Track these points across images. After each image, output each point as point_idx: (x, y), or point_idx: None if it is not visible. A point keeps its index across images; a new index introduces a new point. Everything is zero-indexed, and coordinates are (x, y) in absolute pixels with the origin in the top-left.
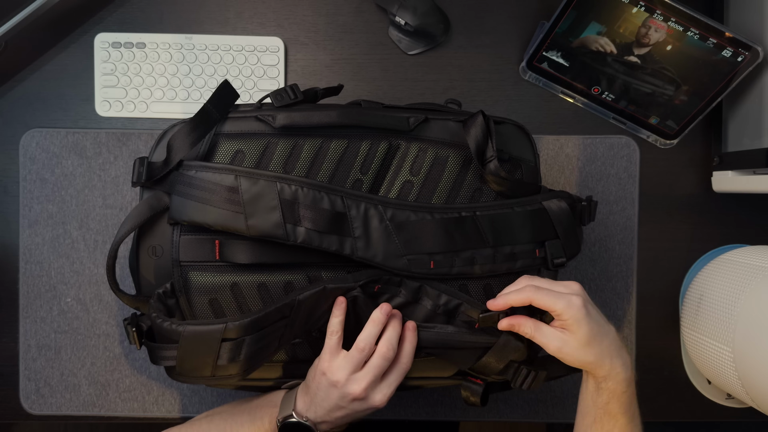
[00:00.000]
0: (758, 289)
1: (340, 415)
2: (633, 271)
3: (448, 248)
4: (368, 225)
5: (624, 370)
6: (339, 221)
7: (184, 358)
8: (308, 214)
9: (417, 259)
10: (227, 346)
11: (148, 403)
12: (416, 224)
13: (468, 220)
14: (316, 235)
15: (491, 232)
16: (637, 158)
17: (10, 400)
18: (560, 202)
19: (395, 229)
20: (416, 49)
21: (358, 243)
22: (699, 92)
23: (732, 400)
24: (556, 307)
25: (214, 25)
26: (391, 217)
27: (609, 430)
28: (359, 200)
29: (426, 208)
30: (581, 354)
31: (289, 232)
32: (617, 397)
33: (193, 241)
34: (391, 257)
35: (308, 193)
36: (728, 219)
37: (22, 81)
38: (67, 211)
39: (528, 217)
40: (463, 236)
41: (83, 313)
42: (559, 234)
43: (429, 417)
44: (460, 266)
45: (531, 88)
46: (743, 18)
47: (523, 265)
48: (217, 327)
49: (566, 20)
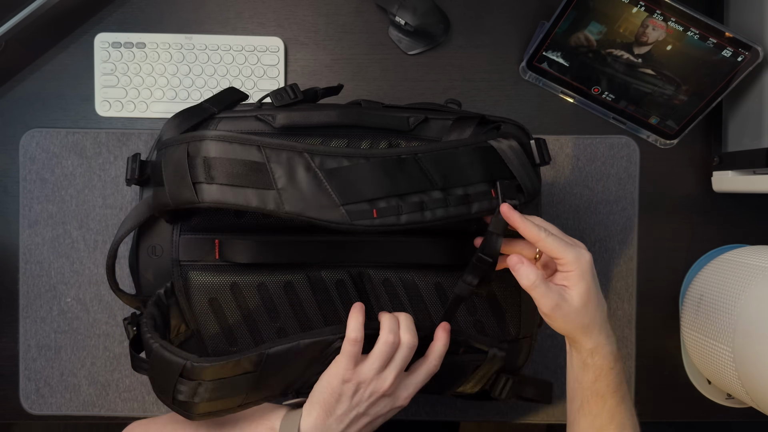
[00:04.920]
0: (758, 289)
1: (363, 423)
2: (633, 271)
3: (390, 192)
4: (293, 174)
5: (610, 343)
6: (257, 171)
7: (151, 375)
8: (219, 167)
9: (356, 208)
10: (184, 384)
11: (148, 403)
12: (351, 169)
13: (409, 161)
14: (230, 190)
15: (437, 172)
16: (637, 158)
17: (10, 400)
18: (509, 140)
19: (326, 177)
20: (416, 49)
21: (284, 195)
22: (699, 92)
23: (732, 400)
24: (566, 255)
25: (214, 25)
26: (320, 164)
27: (597, 413)
28: (279, 149)
29: (360, 154)
30: (576, 316)
31: (199, 191)
32: (604, 374)
33: (193, 241)
34: (325, 209)
35: (217, 146)
36: (728, 219)
37: (22, 81)
38: (67, 211)
39: (476, 155)
40: (406, 178)
41: (83, 313)
42: (513, 172)
43: (429, 417)
44: (408, 213)
45: (531, 88)
46: (743, 18)
47: (479, 209)
48: (177, 360)
49: (566, 20)
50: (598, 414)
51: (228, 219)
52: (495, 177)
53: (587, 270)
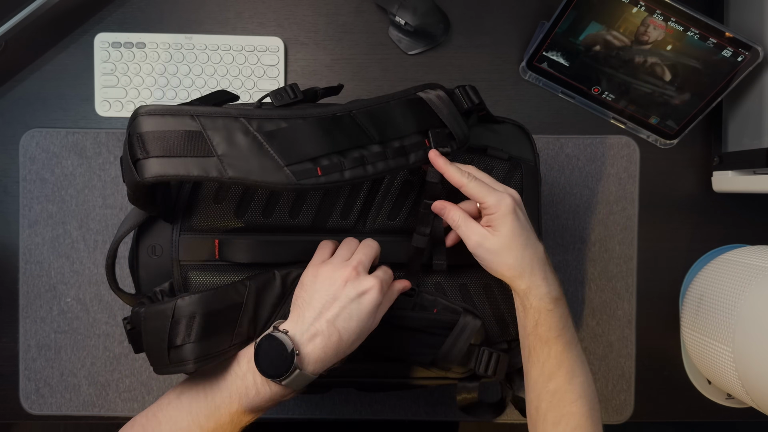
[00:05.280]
0: (758, 289)
1: (333, 313)
2: (633, 271)
3: (331, 149)
4: (232, 139)
5: (546, 284)
6: (193, 140)
7: (146, 342)
8: (153, 141)
9: (300, 168)
10: (179, 325)
11: (148, 403)
12: (289, 130)
13: (345, 118)
14: (168, 162)
15: (373, 126)
16: (637, 158)
17: (10, 400)
18: (436, 90)
19: (266, 139)
20: (416, 49)
21: (225, 161)
22: (699, 92)
23: (732, 400)
24: (487, 199)
25: (214, 25)
26: (258, 128)
27: (544, 360)
28: (215, 117)
29: (297, 115)
30: (500, 256)
31: (138, 169)
32: (543, 316)
33: (193, 241)
34: (269, 171)
35: (150, 120)
36: (728, 219)
37: (22, 81)
38: (67, 211)
39: (407, 107)
40: (344, 135)
41: (83, 313)
42: (444, 121)
43: (429, 417)
44: (350, 168)
45: (531, 88)
46: (743, 18)
47: (416, 159)
48: (169, 305)
49: (566, 20)
50: (546, 360)
51: (228, 218)
52: (427, 127)
53: (508, 211)
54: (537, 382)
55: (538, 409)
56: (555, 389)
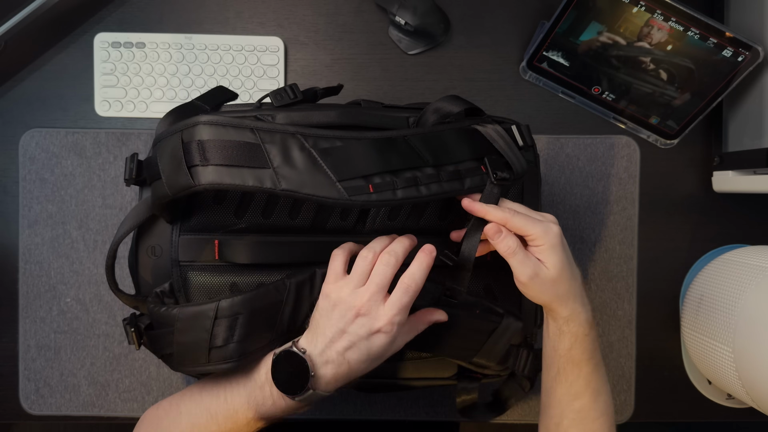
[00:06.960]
0: (758, 289)
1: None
2: (633, 271)
3: (384, 168)
4: (288, 154)
5: (585, 311)
6: (251, 152)
7: (180, 342)
8: (214, 149)
9: (352, 184)
10: (222, 325)
11: (148, 403)
12: (343, 148)
13: (399, 140)
14: (226, 170)
15: (427, 150)
16: (638, 158)
17: (10, 400)
18: (493, 125)
19: (321, 155)
20: (416, 49)
21: (280, 173)
22: (699, 92)
23: (732, 400)
24: (534, 231)
25: (213, 24)
26: (313, 144)
27: (573, 380)
28: (273, 132)
29: (351, 136)
30: (551, 286)
31: (194, 174)
32: (580, 341)
33: (193, 241)
34: (321, 186)
35: (211, 130)
36: (728, 219)
37: (22, 81)
38: (66, 211)
39: (463, 136)
40: (399, 156)
41: (83, 313)
42: (500, 151)
43: (429, 417)
44: (403, 188)
45: (531, 88)
46: (743, 18)
47: (471, 185)
48: (211, 305)
49: (566, 20)
50: (574, 381)
51: (227, 219)
52: (483, 154)
53: (557, 242)
54: (562, 400)
55: (559, 426)
56: (580, 408)
